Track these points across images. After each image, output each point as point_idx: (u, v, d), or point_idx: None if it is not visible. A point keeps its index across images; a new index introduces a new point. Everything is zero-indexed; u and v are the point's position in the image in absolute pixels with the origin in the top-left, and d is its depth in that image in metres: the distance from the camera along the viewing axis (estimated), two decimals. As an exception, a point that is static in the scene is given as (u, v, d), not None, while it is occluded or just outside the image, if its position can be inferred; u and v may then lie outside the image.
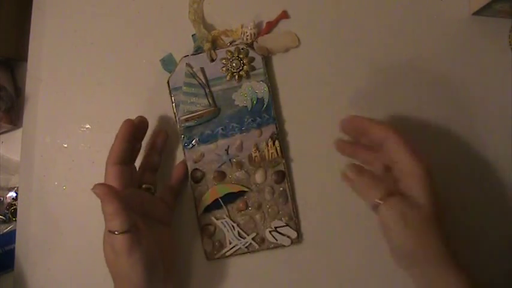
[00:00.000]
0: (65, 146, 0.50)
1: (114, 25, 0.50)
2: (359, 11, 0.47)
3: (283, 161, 0.44)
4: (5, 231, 0.54)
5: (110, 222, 0.35)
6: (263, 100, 0.43)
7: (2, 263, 0.52)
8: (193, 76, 0.44)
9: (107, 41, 0.50)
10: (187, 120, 0.44)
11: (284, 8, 0.47)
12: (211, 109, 0.44)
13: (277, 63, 0.46)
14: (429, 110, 0.46)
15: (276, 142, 0.43)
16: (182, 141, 0.44)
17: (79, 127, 0.49)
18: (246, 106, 0.44)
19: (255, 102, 0.44)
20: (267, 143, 0.43)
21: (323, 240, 0.45)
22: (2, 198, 0.55)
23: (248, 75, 0.44)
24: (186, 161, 0.44)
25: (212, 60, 0.44)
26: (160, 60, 0.47)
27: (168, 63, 0.47)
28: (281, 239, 0.43)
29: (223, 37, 0.46)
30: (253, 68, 0.44)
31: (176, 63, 0.45)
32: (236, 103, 0.44)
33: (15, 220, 0.54)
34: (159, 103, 0.47)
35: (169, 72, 0.46)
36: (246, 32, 0.45)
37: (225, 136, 0.44)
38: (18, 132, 0.54)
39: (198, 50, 0.45)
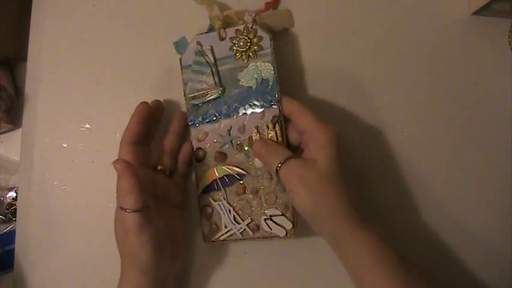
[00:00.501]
0: (65, 146, 0.50)
1: (114, 25, 0.50)
2: (359, 12, 0.47)
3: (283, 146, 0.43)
4: (5, 231, 0.54)
5: (123, 199, 0.35)
6: (268, 81, 0.42)
7: (2, 263, 0.52)
8: (201, 54, 0.43)
9: (107, 41, 0.50)
10: (193, 98, 0.43)
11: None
12: (216, 88, 0.43)
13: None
14: (429, 110, 0.46)
15: (277, 125, 0.42)
16: (188, 119, 0.44)
17: (79, 127, 0.49)
18: (251, 87, 0.43)
19: (260, 83, 0.42)
20: (267, 126, 0.42)
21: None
22: (2, 198, 0.55)
23: (256, 55, 0.42)
24: (191, 139, 0.44)
25: (222, 39, 0.43)
26: (173, 43, 0.47)
27: (181, 45, 0.47)
28: (276, 229, 0.42)
29: (235, 17, 0.45)
30: (261, 48, 0.42)
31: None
32: (241, 83, 0.43)
33: (15, 220, 0.54)
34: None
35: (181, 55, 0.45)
36: (251, 14, 0.44)
37: (228, 116, 0.43)
38: (18, 132, 0.54)
39: (211, 29, 0.44)
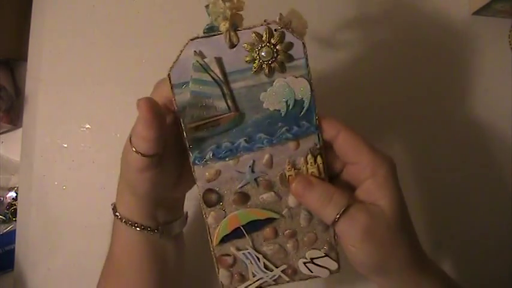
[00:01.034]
0: (65, 146, 0.49)
1: (114, 25, 0.50)
2: (359, 12, 0.47)
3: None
4: (5, 231, 0.54)
5: (136, 140, 0.30)
6: (302, 102, 0.33)
7: (2, 263, 0.52)
8: (204, 69, 0.32)
9: (107, 41, 0.50)
10: (197, 129, 0.33)
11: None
12: (231, 114, 0.33)
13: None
14: (428, 110, 0.46)
15: (318, 158, 0.33)
16: (191, 155, 0.33)
17: (79, 127, 0.49)
18: (279, 110, 0.33)
19: (292, 105, 0.33)
20: (306, 159, 0.34)
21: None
22: (2, 198, 0.55)
23: (283, 67, 0.32)
24: (196, 180, 0.34)
25: (232, 45, 0.32)
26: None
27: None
28: (317, 271, 0.36)
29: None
30: (290, 58, 0.32)
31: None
32: (265, 106, 0.33)
33: (15, 220, 0.54)
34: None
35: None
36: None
37: (249, 150, 0.34)
38: (18, 132, 0.54)
39: (212, 31, 0.32)
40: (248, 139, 0.33)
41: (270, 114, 0.33)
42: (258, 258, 0.36)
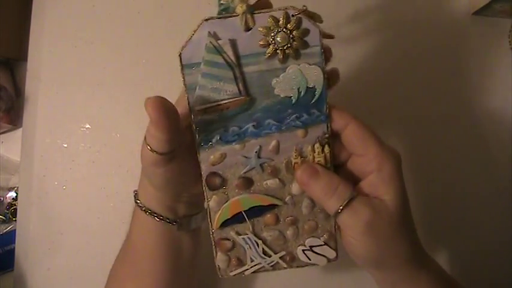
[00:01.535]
0: (65, 146, 0.50)
1: (114, 25, 0.50)
2: (359, 12, 0.47)
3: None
4: (5, 231, 0.54)
5: (150, 138, 0.30)
6: (314, 90, 0.32)
7: (2, 263, 0.52)
8: (218, 51, 0.31)
9: (107, 41, 0.50)
10: (205, 111, 0.32)
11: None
12: (241, 98, 0.32)
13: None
14: (429, 110, 0.46)
15: (326, 147, 0.33)
16: (197, 137, 0.33)
17: (79, 127, 0.49)
18: (290, 97, 0.33)
19: (303, 92, 0.32)
20: (314, 148, 0.33)
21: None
22: (2, 198, 0.55)
23: (297, 54, 0.31)
24: (200, 163, 0.34)
25: (248, 28, 0.31)
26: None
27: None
28: (315, 259, 0.36)
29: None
30: (305, 45, 0.31)
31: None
32: (276, 92, 0.32)
33: (15, 220, 0.54)
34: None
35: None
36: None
37: (257, 135, 0.33)
38: (18, 132, 0.54)
39: (227, 12, 0.31)
40: (256, 124, 0.33)
41: (281, 100, 0.33)
42: (257, 243, 0.36)
